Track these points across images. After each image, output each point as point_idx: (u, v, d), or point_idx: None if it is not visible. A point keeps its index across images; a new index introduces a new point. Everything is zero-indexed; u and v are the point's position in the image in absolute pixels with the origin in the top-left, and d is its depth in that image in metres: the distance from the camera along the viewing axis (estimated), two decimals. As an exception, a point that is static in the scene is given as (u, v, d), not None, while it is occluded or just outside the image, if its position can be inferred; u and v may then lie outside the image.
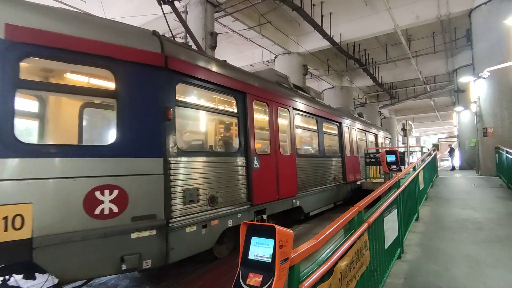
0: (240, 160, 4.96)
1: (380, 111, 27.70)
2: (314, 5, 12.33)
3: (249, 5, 11.04)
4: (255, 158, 5.19)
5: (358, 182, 10.44)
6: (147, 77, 3.65)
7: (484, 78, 10.70)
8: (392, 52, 17.85)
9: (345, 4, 13.05)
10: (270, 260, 1.41)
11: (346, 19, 14.10)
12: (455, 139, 22.76)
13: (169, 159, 3.71)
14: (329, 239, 1.90)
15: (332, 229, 1.95)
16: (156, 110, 3.67)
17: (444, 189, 9.49)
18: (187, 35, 9.58)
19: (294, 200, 6.38)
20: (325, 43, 14.13)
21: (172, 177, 3.72)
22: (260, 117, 5.90)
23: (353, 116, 11.73)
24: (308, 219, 7.78)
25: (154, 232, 3.42)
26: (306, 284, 1.54)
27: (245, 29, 13.05)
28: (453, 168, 17.92)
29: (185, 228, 3.80)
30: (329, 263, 1.81)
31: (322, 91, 22.44)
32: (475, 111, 12.06)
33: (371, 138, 13.59)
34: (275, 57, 15.95)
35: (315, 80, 20.85)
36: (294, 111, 6.82)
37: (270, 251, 1.43)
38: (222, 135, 5.71)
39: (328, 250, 1.99)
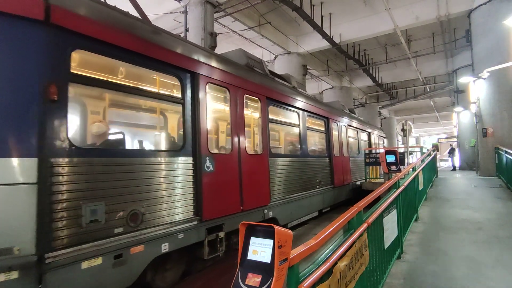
0: (185, 162, 3.75)
1: (380, 112, 27.72)
2: (313, 5, 12.34)
3: (249, 5, 11.04)
4: (207, 158, 3.98)
5: (358, 183, 10.40)
6: (11, 34, 2.44)
7: (483, 78, 10.71)
8: (391, 53, 17.86)
9: (344, 4, 13.07)
10: (269, 260, 1.41)
11: (345, 20, 14.12)
12: (455, 139, 22.78)
13: (52, 160, 2.51)
14: (328, 239, 1.90)
15: (331, 229, 1.95)
16: (27, 85, 2.47)
17: (444, 189, 9.49)
18: (187, 32, 9.60)
19: (266, 211, 5.21)
20: (324, 44, 14.14)
21: (56, 187, 2.51)
22: (217, 106, 4.85)
23: (344, 112, 10.64)
24: (308, 220, 7.76)
25: (13, 275, 2.23)
26: (305, 285, 1.54)
27: (245, 29, 13.05)
28: (454, 168, 17.91)
29: (79, 263, 2.60)
30: (328, 264, 1.81)
31: (322, 91, 22.47)
32: (475, 111, 12.07)
33: (364, 137, 12.58)
34: (275, 57, 15.96)
35: (315, 80, 20.86)
36: (268, 101, 5.58)
37: (269, 251, 1.43)
38: (158, 127, 4.59)
39: (327, 251, 1.99)
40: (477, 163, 12.90)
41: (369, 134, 13.21)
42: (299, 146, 6.84)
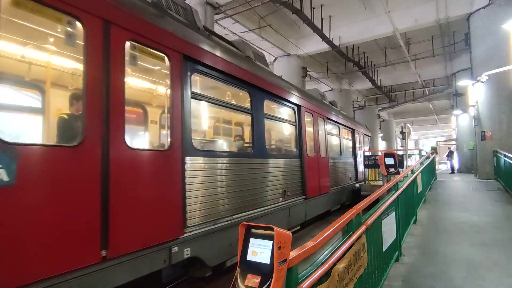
0: None
1: (379, 114, 27.81)
2: (314, 8, 12.39)
3: (249, 7, 11.09)
4: None
5: (357, 185, 10.30)
6: None
7: (482, 82, 10.77)
8: (391, 55, 17.93)
9: (344, 7, 13.13)
10: (269, 261, 1.42)
11: (345, 22, 14.19)
12: (454, 142, 22.84)
13: None
14: (327, 241, 1.91)
15: (330, 231, 1.96)
16: None
17: (442, 192, 9.51)
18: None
19: (175, 249, 3.11)
20: (324, 46, 14.21)
21: None
22: (42, 49, 2.95)
23: (323, 102, 8.62)
24: (308, 221, 7.65)
25: None
26: (304, 286, 1.56)
27: (245, 31, 13.10)
28: (453, 171, 17.96)
29: None
30: (327, 265, 1.82)
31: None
32: (474, 114, 12.13)
33: (347, 135, 10.64)
34: (275, 59, 16.02)
35: (315, 82, 20.90)
36: (188, 63, 3.53)
37: (268, 253, 1.44)
38: None
39: (326, 252, 2.00)
40: (475, 166, 12.94)
41: (353, 132, 11.10)
42: (251, 140, 4.81)
